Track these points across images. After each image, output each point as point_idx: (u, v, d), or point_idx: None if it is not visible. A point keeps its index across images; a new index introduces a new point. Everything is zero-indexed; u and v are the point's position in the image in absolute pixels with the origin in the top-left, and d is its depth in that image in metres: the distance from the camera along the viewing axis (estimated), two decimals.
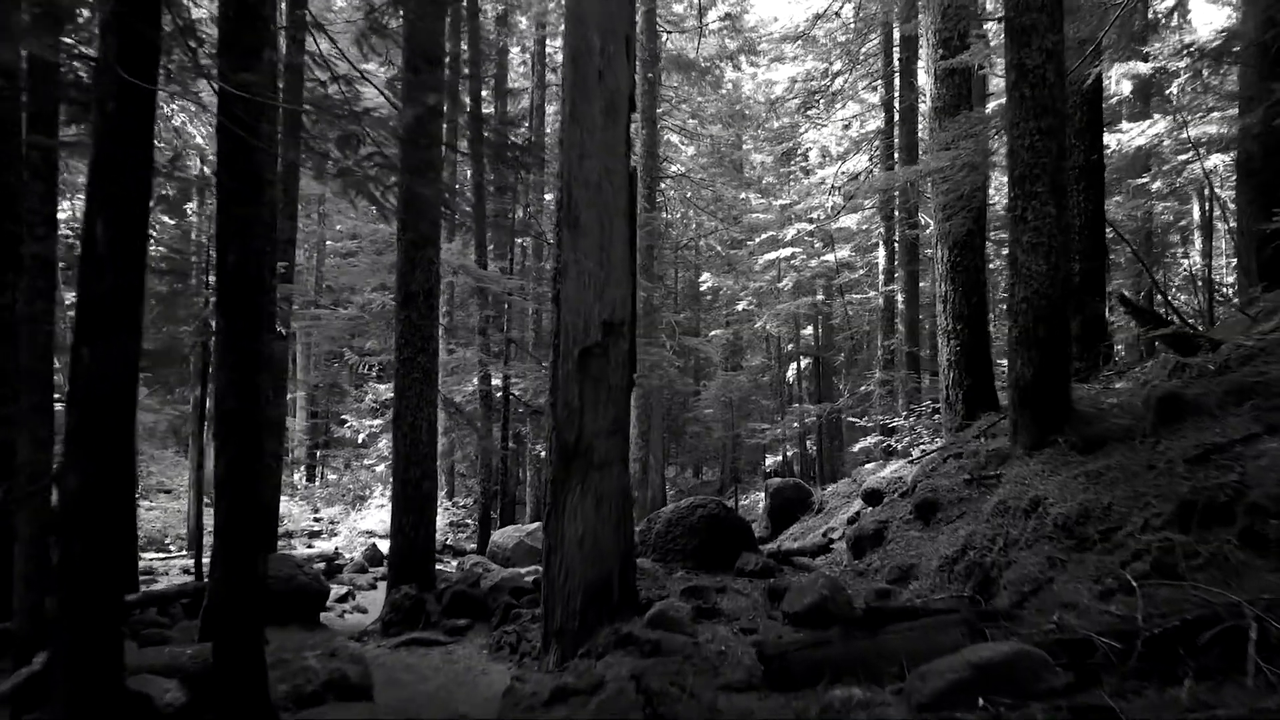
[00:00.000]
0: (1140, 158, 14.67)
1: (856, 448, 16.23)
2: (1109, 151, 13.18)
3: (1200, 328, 10.58)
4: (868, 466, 12.53)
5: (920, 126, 19.01)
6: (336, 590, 14.58)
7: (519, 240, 18.84)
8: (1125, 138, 12.90)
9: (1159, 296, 14.50)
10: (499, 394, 15.81)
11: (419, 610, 9.83)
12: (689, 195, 28.42)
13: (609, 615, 5.77)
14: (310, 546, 18.61)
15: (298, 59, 11.26)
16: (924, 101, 20.19)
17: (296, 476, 29.21)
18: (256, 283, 6.21)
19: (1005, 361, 17.24)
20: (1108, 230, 11.96)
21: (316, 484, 28.11)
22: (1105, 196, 11.39)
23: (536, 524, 13.92)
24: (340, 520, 21.77)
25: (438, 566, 17.56)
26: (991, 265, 15.68)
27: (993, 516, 5.02)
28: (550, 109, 22.68)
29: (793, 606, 6.20)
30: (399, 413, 10.18)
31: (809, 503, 11.94)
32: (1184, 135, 13.64)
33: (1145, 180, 15.14)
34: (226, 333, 5.98)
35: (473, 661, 8.52)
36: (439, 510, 20.93)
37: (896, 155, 19.76)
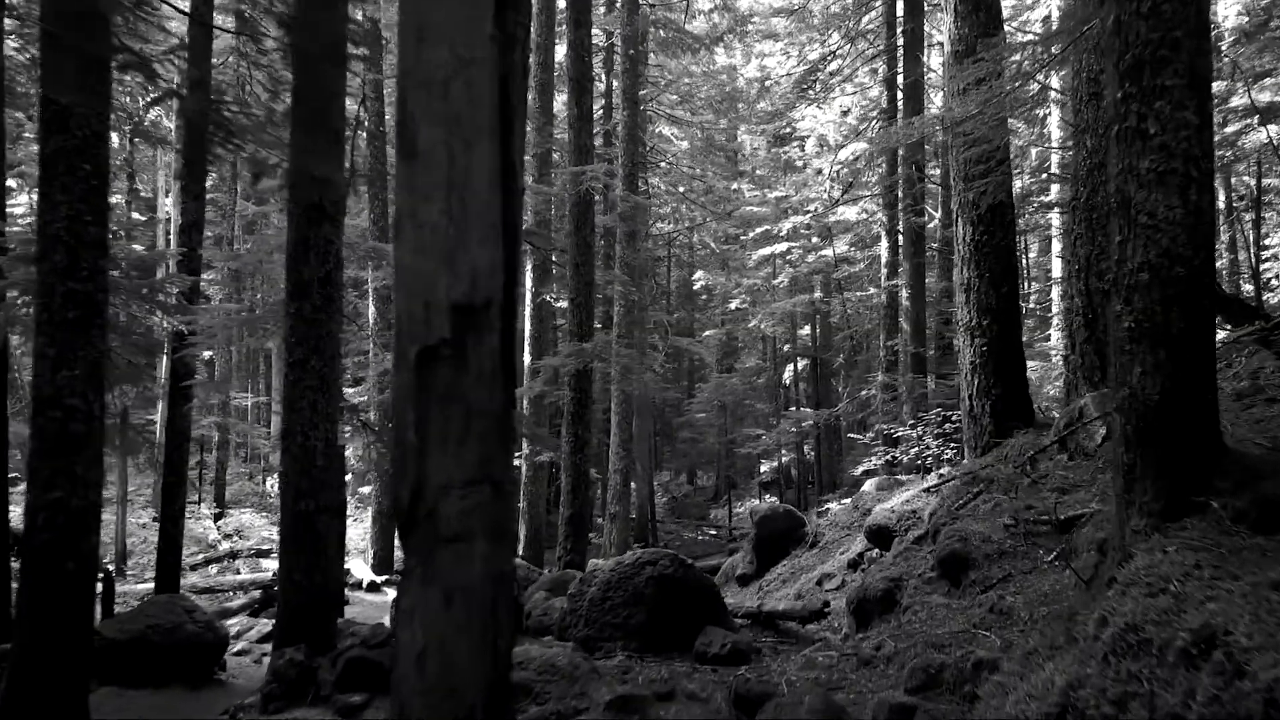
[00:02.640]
0: None
1: (859, 470, 13.87)
2: None
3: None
4: (868, 488, 10.19)
5: (927, 103, 16.63)
6: (261, 628, 12.30)
7: None
8: None
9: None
10: None
11: (308, 680, 7.49)
12: (682, 190, 26.06)
13: None
14: (257, 569, 16.32)
15: None
16: (930, 73, 17.83)
17: (270, 484, 26.92)
18: None
19: (1034, 364, 14.84)
20: None
21: None
22: None
23: None
24: None
25: (382, 595, 15.28)
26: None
27: (1115, 655, 2.65)
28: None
29: None
30: (288, 429, 7.85)
31: (801, 534, 9.59)
32: (1237, 102, 11.29)
33: None
34: None
35: None
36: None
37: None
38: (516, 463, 15.74)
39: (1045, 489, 6.33)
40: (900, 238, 17.51)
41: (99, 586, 11.12)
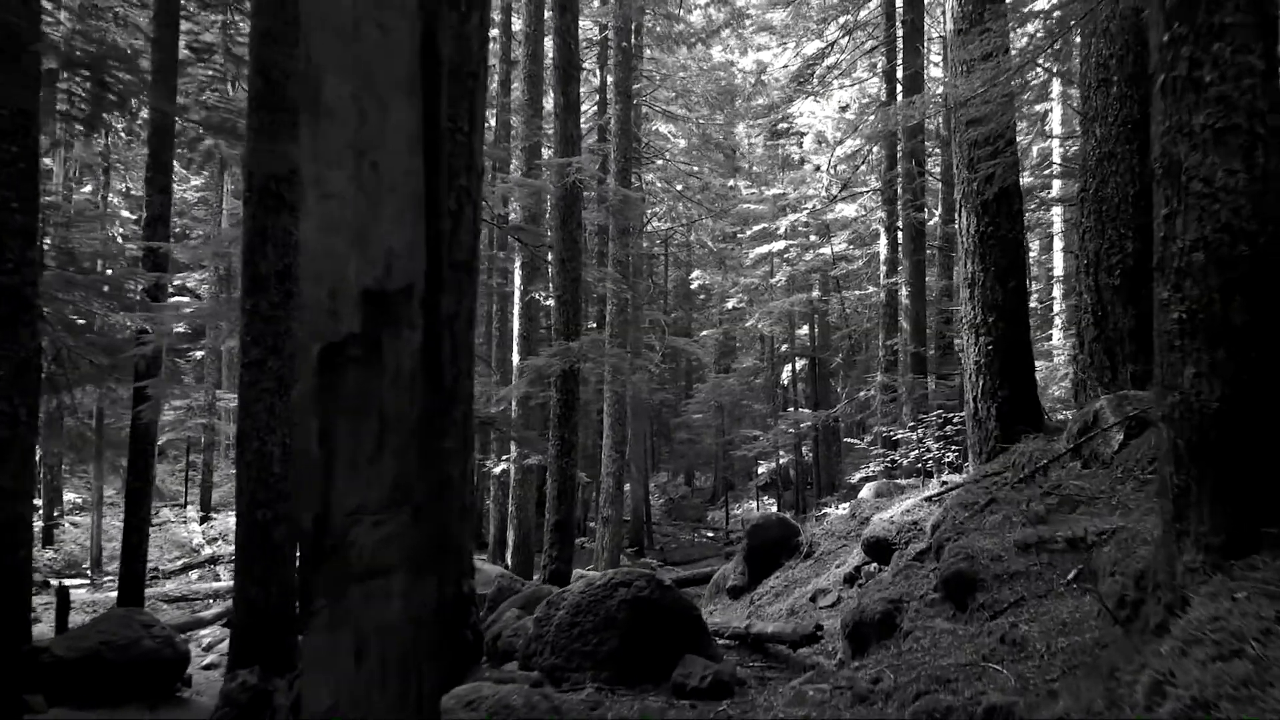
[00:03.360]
0: None
1: (856, 478, 13.28)
2: None
3: None
4: (866, 494, 9.58)
5: (927, 94, 16.00)
6: None
7: None
8: None
9: None
10: None
11: (262, 704, 6.89)
12: (680, 188, 25.43)
13: None
14: None
15: None
16: (931, 65, 17.24)
17: None
18: None
19: (1038, 364, 14.28)
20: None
21: None
22: None
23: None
24: None
25: None
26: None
27: None
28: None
29: None
30: (243, 433, 7.26)
31: (795, 544, 8.99)
32: None
33: None
34: None
35: None
36: None
37: (900, 130, 16.76)
38: (503, 466, 15.14)
39: (1058, 501, 5.73)
40: (900, 234, 16.90)
41: (54, 600, 10.55)
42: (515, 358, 15.07)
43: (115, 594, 13.25)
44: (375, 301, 2.85)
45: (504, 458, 15.13)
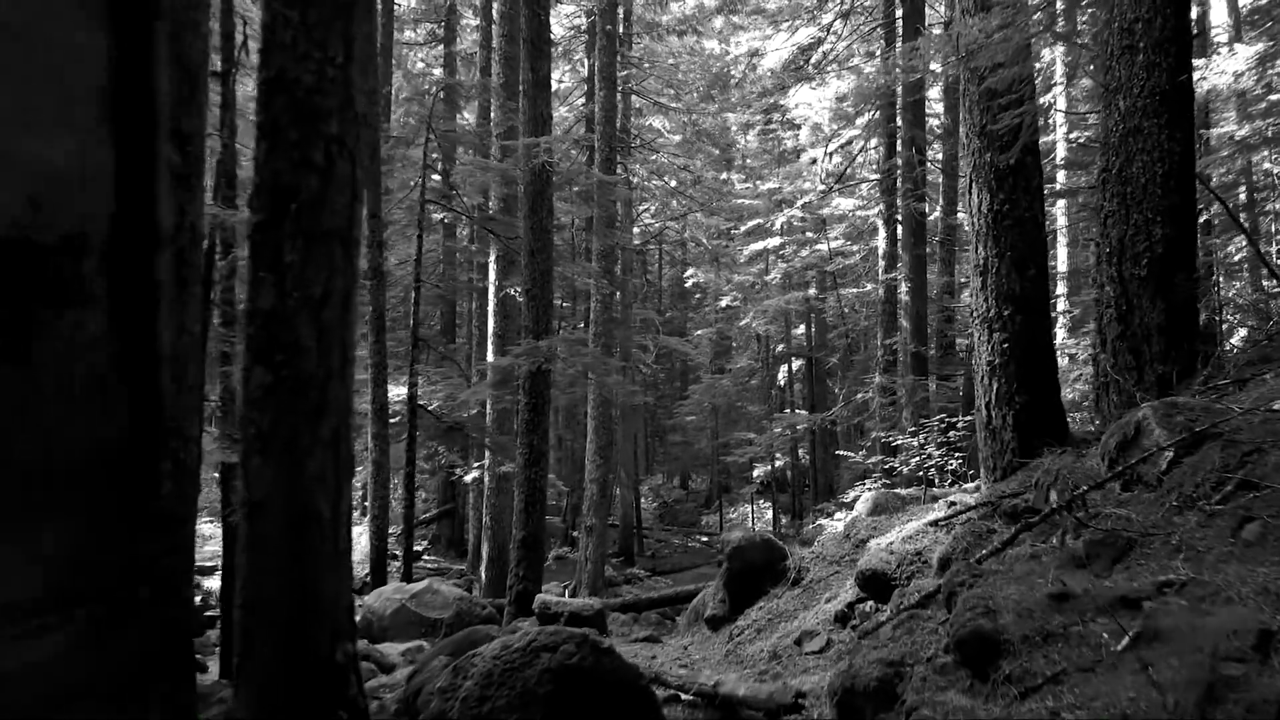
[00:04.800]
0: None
1: (850, 495, 12.06)
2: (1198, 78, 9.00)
3: None
4: (861, 510, 8.35)
5: (929, 82, 14.76)
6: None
7: (437, 215, 14.68)
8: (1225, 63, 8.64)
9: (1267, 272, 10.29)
10: (397, 405, 11.70)
11: None
12: (674, 184, 24.17)
13: None
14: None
15: None
16: (934, 35, 16.00)
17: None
18: None
19: (1066, 363, 12.98)
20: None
21: None
22: (1195, 136, 7.19)
23: (425, 583, 9.83)
24: None
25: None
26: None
27: None
28: None
29: None
30: None
31: (781, 568, 7.76)
32: None
33: (1232, 129, 10.87)
34: None
35: None
36: (353, 544, 16.85)
37: (899, 118, 15.54)
38: (475, 474, 13.91)
39: (1101, 537, 4.48)
40: (899, 228, 15.67)
41: None
42: (490, 357, 13.85)
43: None
44: (15, 258, 1.61)
45: (476, 465, 13.91)
